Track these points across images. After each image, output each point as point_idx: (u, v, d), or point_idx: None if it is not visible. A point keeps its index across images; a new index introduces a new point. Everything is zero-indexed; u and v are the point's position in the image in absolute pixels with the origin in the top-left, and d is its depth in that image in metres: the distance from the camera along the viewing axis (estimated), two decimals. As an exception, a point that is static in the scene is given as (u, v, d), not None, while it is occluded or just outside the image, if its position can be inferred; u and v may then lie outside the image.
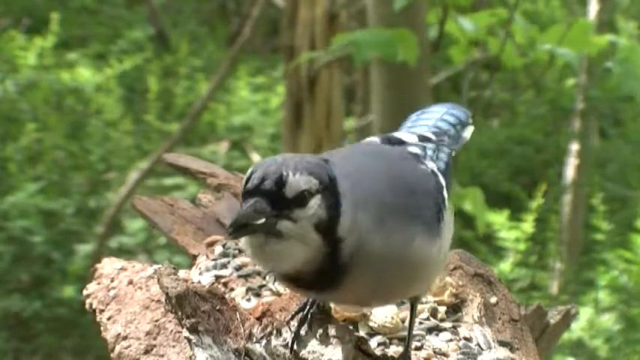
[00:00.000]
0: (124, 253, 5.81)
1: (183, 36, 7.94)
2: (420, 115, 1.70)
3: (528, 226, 5.37)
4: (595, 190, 5.63)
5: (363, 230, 1.35)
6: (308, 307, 1.50)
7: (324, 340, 1.46)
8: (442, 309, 1.72)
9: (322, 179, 1.34)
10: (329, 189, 1.34)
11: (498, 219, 5.41)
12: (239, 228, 1.30)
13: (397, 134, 1.59)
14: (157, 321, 1.63)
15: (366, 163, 1.43)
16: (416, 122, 1.68)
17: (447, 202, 1.49)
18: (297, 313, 1.49)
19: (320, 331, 1.47)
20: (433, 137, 1.60)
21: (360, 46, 3.34)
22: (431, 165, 1.51)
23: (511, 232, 5.44)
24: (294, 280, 1.38)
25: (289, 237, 1.32)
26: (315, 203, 1.33)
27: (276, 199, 1.31)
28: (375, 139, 1.57)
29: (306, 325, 1.48)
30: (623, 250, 5.27)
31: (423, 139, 1.58)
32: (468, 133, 1.69)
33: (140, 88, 7.13)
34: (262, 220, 1.30)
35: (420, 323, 1.69)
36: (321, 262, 1.34)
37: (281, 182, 1.31)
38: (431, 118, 1.67)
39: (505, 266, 5.39)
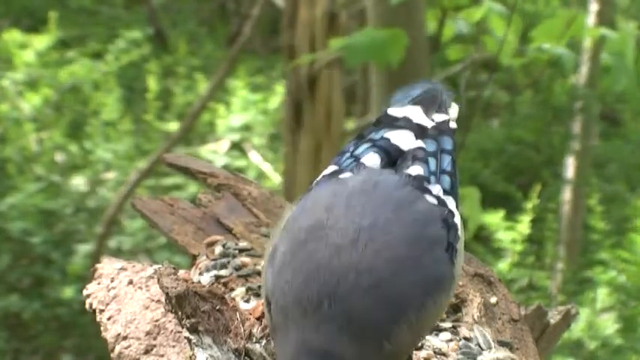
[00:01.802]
0: (123, 253, 5.82)
1: (181, 36, 7.94)
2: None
3: (524, 227, 5.37)
4: (592, 191, 5.63)
5: None
6: None
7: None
8: (442, 309, 1.72)
9: None
10: None
11: (494, 220, 5.40)
12: None
13: (395, 139, 1.43)
14: (157, 321, 1.63)
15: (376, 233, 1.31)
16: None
17: (458, 228, 1.40)
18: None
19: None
20: (429, 124, 1.45)
21: (353, 51, 3.34)
22: (436, 190, 1.40)
23: (508, 233, 5.43)
24: None
25: None
26: None
27: None
28: (376, 160, 1.43)
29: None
30: (621, 250, 5.27)
31: (418, 133, 1.44)
32: (455, 111, 1.53)
33: (139, 87, 7.14)
34: None
35: (420, 323, 1.69)
36: None
37: None
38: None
39: (503, 266, 5.39)
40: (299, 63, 4.85)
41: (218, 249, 1.87)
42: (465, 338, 1.64)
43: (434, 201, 1.37)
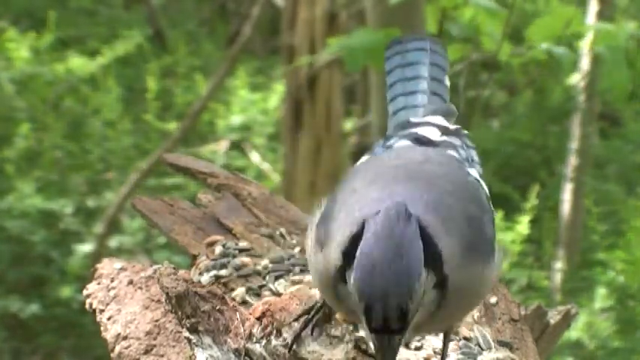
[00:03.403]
0: (123, 253, 5.82)
1: (181, 36, 7.94)
2: (406, 82, 1.60)
3: (523, 227, 5.37)
4: (589, 191, 5.63)
5: (453, 264, 1.29)
6: (313, 312, 1.49)
7: (324, 340, 1.46)
8: (442, 309, 1.72)
9: (427, 265, 1.25)
10: (431, 255, 1.26)
11: (492, 221, 5.38)
12: None
13: (423, 132, 1.50)
14: (157, 321, 1.63)
15: (437, 183, 1.35)
16: (408, 91, 1.59)
17: (493, 212, 1.44)
18: (300, 316, 1.49)
19: (320, 331, 1.47)
20: (450, 126, 1.52)
21: (352, 55, 3.33)
22: (473, 172, 1.45)
23: (507, 233, 5.43)
24: None
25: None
26: (428, 290, 1.27)
27: (403, 326, 1.25)
28: (406, 141, 1.49)
29: (308, 329, 1.48)
30: (620, 250, 5.26)
31: (443, 131, 1.50)
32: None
33: (139, 87, 7.13)
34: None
35: (420, 323, 1.69)
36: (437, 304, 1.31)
37: (405, 317, 1.24)
38: (421, 80, 1.59)
39: (503, 266, 5.39)
40: (298, 64, 4.86)
41: (218, 249, 1.87)
42: (465, 338, 1.64)
43: (475, 180, 1.44)
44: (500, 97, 7.90)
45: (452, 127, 1.52)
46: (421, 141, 1.48)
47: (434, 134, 1.49)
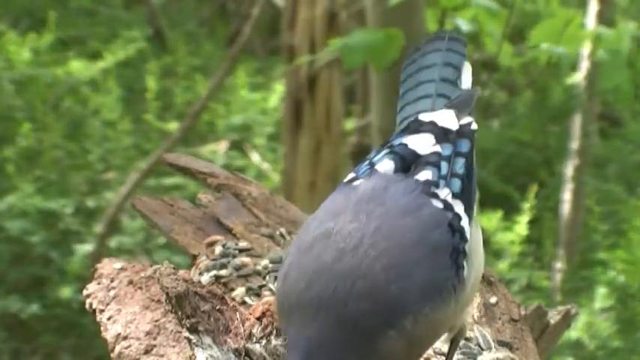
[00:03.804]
0: (123, 253, 5.82)
1: (181, 36, 7.94)
2: (414, 90, 1.57)
3: (522, 227, 5.37)
4: (589, 191, 5.63)
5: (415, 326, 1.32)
6: None
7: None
8: (442, 309, 1.72)
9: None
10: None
11: (492, 222, 5.40)
12: None
13: (412, 143, 1.44)
14: (157, 321, 1.63)
15: (395, 239, 1.35)
16: (414, 98, 1.56)
17: (465, 231, 1.40)
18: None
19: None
20: (455, 125, 1.46)
21: (351, 53, 3.33)
22: (443, 194, 1.40)
23: (506, 234, 5.43)
24: None
25: None
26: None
27: None
28: (389, 166, 1.44)
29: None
30: (620, 250, 5.27)
31: (441, 137, 1.45)
32: (468, 74, 1.58)
33: (139, 87, 7.13)
34: None
35: (420, 323, 1.69)
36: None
37: None
38: (429, 84, 1.55)
39: (502, 266, 5.40)
40: (299, 64, 4.86)
41: (218, 249, 1.87)
42: (465, 338, 1.64)
43: (440, 205, 1.38)
44: (500, 97, 7.90)
45: (456, 126, 1.46)
46: (405, 159, 1.43)
47: (424, 146, 1.44)
